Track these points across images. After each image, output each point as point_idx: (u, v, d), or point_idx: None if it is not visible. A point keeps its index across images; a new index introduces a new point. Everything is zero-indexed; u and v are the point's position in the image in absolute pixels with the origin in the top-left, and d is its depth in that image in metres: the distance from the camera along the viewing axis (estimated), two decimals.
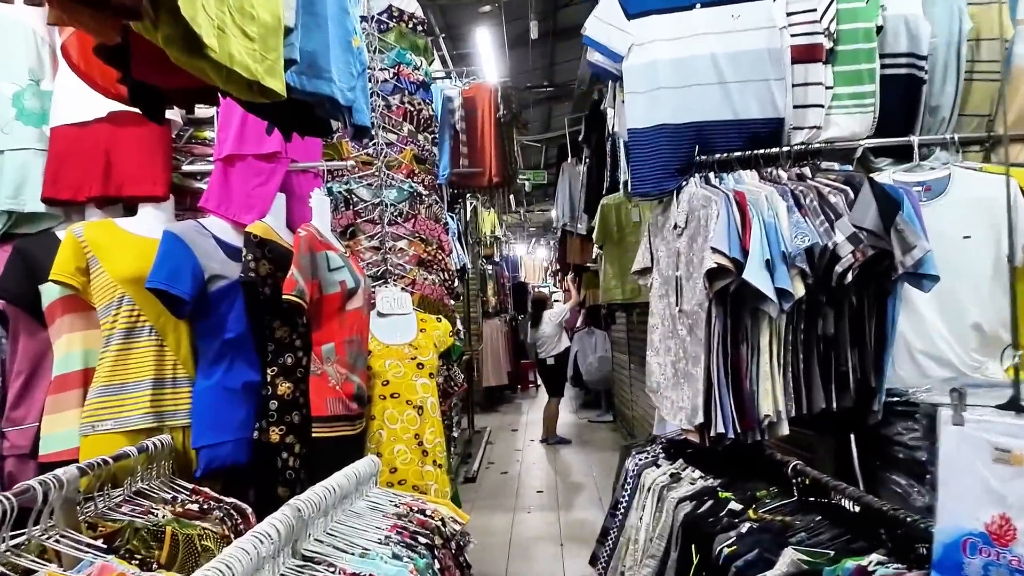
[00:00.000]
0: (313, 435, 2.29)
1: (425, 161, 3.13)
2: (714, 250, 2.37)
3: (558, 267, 13.76)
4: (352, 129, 1.82)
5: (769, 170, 2.69)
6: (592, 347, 9.86)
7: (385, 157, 2.97)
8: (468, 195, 8.95)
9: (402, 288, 2.92)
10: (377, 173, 2.90)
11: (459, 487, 6.61)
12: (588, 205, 7.44)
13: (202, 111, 2.46)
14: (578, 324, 10.55)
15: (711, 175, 2.70)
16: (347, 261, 2.41)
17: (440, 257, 3.03)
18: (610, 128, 6.60)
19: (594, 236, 6.05)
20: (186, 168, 2.46)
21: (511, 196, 12.55)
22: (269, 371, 2.27)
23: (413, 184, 3.00)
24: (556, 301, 19.95)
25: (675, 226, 2.76)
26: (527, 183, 9.69)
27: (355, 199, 2.89)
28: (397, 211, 2.98)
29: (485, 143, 5.85)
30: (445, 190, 6.02)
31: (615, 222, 5.86)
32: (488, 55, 7.42)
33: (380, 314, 2.82)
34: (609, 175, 6.50)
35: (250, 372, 2.28)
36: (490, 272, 10.86)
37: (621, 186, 5.98)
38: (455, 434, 7.42)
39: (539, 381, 12.92)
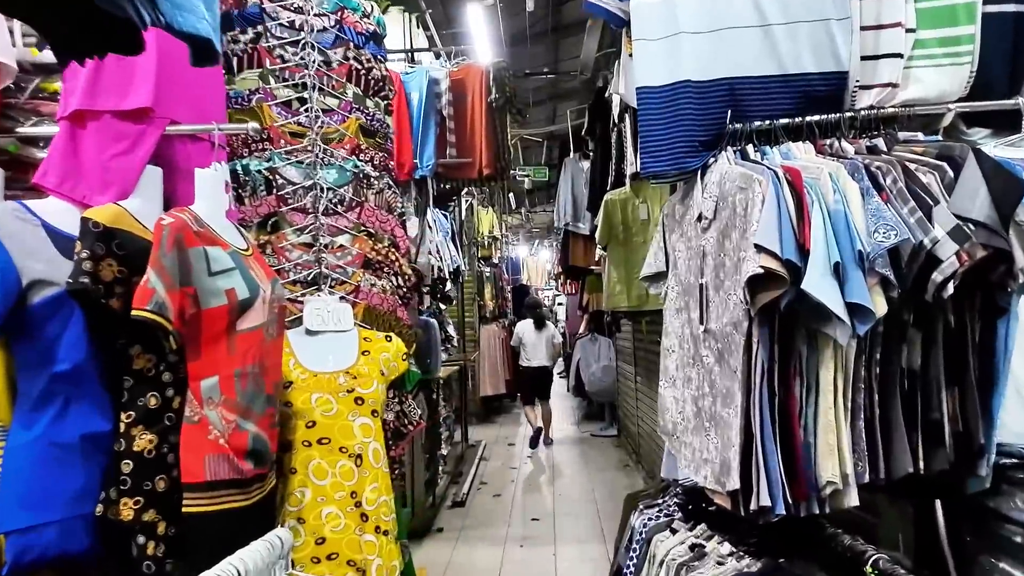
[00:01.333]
0: (184, 509, 1.58)
1: (375, 134, 2.41)
2: (759, 248, 1.65)
3: (560, 270, 13.07)
4: (192, 49, 1.13)
5: (829, 142, 1.96)
6: (595, 355, 9.13)
7: (322, 127, 2.27)
8: (464, 192, 8.26)
9: (341, 297, 2.20)
10: (310, 147, 2.19)
11: (446, 514, 5.91)
12: (592, 203, 6.73)
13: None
14: (580, 330, 9.83)
15: (749, 148, 1.98)
16: (241, 262, 1.70)
17: (393, 258, 2.32)
18: (615, 116, 5.89)
19: (597, 236, 5.34)
20: (26, 131, 1.76)
21: (511, 195, 11.87)
22: (123, 417, 1.56)
23: (359, 163, 2.29)
24: (560, 305, 19.28)
25: (699, 218, 2.04)
26: (527, 180, 8.98)
27: (279, 181, 2.18)
28: (337, 197, 2.26)
29: (475, 130, 5.13)
30: (431, 184, 5.32)
31: (620, 220, 5.15)
32: (481, 33, 6.70)
33: (308, 331, 2.11)
34: (615, 168, 5.79)
35: (94, 419, 1.57)
36: (488, 274, 10.15)
37: (628, 179, 5.28)
38: (444, 451, 6.72)
39: None
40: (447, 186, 5.39)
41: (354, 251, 2.26)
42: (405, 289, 2.36)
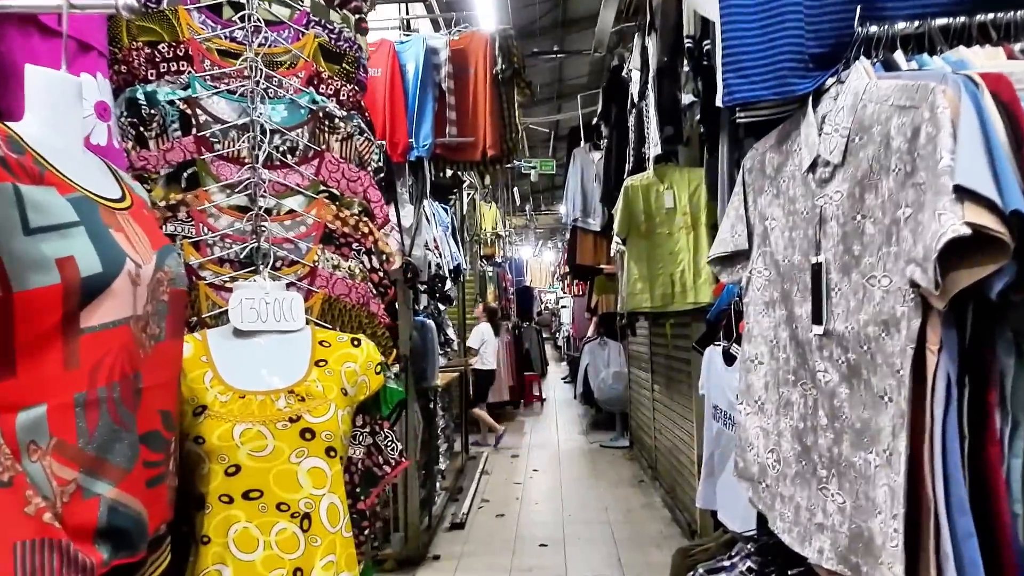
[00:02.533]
0: None
1: (343, 58, 1.73)
2: (961, 194, 0.97)
3: (566, 270, 12.39)
4: None
5: (1019, 47, 1.28)
6: (605, 361, 8.45)
7: (266, 46, 1.59)
8: (465, 184, 7.59)
9: (289, 284, 1.52)
10: (248, 72, 1.52)
11: (443, 538, 5.22)
12: (606, 195, 6.06)
13: None
14: (589, 333, 9.14)
15: (898, 57, 1.30)
16: (96, 216, 1.02)
17: (366, 230, 1.64)
18: (634, 95, 5.22)
19: (615, 226, 4.65)
20: None
21: (515, 190, 11.21)
22: None
23: (319, 98, 1.62)
24: (564, 307, 18.61)
25: (812, 166, 1.36)
26: (533, 172, 8.30)
27: (202, 118, 1.50)
28: (286, 144, 1.58)
29: (478, 106, 4.46)
30: (428, 167, 4.65)
31: (642, 208, 4.46)
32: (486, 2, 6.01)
33: (238, 333, 1.44)
34: (633, 153, 5.12)
35: None
36: (491, 274, 9.47)
37: (650, 163, 4.61)
38: (442, 465, 6.03)
39: (544, 396, 11.55)
40: (447, 169, 4.70)
41: (309, 219, 1.58)
42: (382, 274, 1.68)
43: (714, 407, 3.26)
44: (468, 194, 7.87)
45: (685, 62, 3.44)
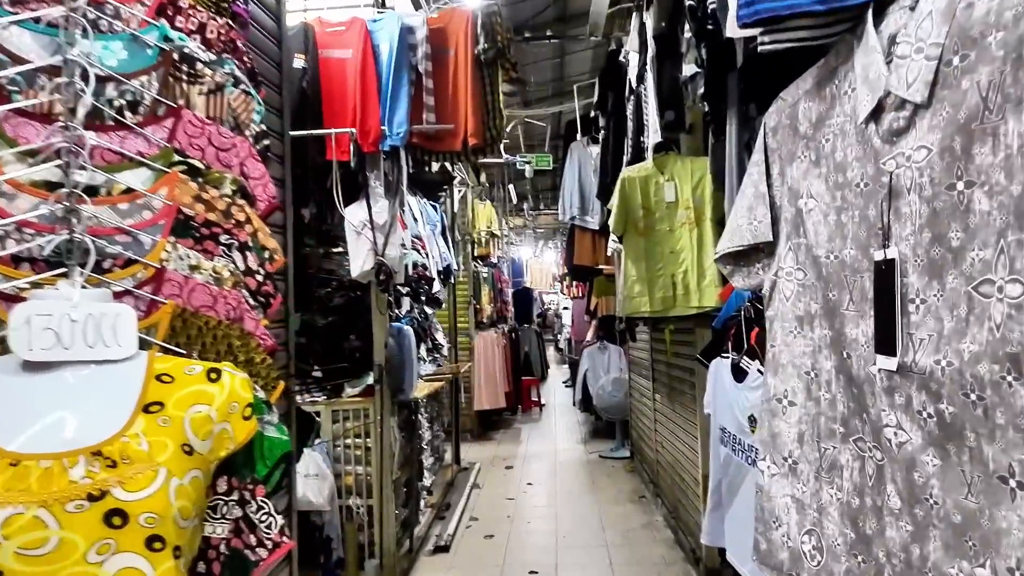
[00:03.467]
0: None
1: None
2: None
3: (565, 271, 11.89)
4: None
5: None
6: (604, 366, 7.97)
7: None
8: (457, 181, 7.12)
9: (120, 292, 1.06)
10: None
11: (425, 562, 4.75)
12: (604, 189, 5.58)
13: None
14: (588, 337, 8.66)
15: None
16: None
17: (241, 217, 1.16)
18: (632, 80, 4.75)
19: (611, 223, 4.18)
20: None
21: (511, 188, 10.74)
22: None
23: (173, 34, 1.16)
24: (566, 309, 18.09)
25: (879, 111, 0.89)
26: (528, 167, 7.83)
27: None
28: (124, 96, 1.13)
29: (459, 90, 3.99)
30: (405, 156, 4.18)
31: (640, 203, 3.99)
32: None
33: (27, 364, 0.99)
34: (632, 143, 4.65)
35: None
36: (485, 275, 9.00)
37: (649, 152, 4.13)
38: (427, 481, 5.56)
39: (543, 401, 11.07)
40: (426, 160, 4.23)
41: (156, 202, 1.11)
42: (262, 277, 1.21)
43: (721, 429, 2.79)
44: (459, 191, 7.41)
45: (686, 28, 2.96)
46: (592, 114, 7.25)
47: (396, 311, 5.14)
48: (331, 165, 4.07)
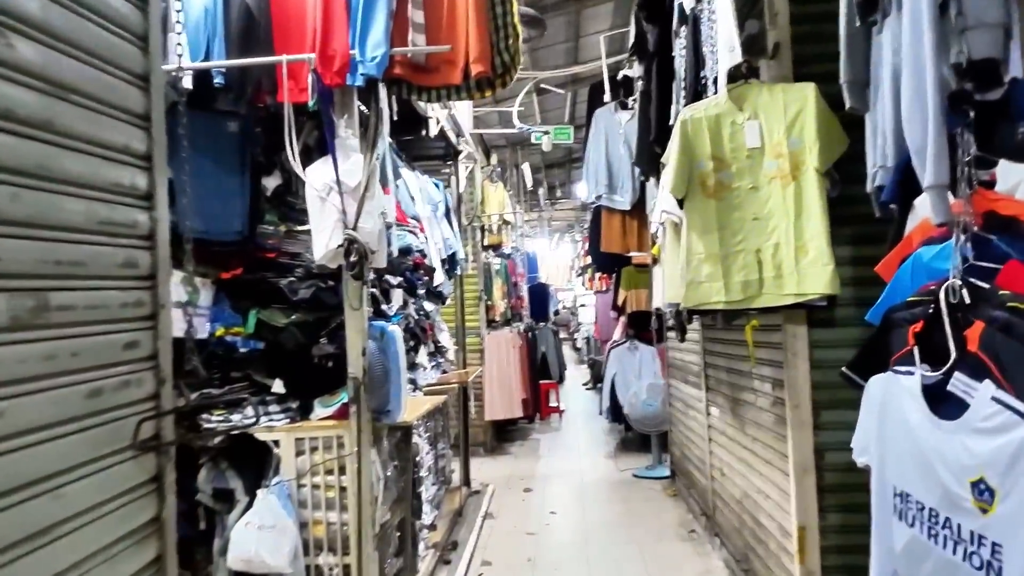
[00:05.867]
0: None
1: None
2: None
3: (587, 261, 10.74)
4: None
5: None
6: (636, 370, 6.82)
7: None
8: (462, 155, 5.99)
9: None
10: None
11: None
12: (644, 151, 4.43)
13: None
14: (616, 337, 7.51)
15: None
16: None
17: None
18: (685, 3, 3.60)
19: (666, 182, 3.04)
20: None
21: (524, 167, 9.58)
22: None
23: None
24: (583, 306, 16.90)
25: None
26: (545, 139, 6.68)
27: None
28: None
29: (457, 3, 2.87)
30: (384, 93, 3.06)
31: (710, 151, 2.85)
32: None
33: None
34: (687, 84, 3.50)
35: None
36: (498, 267, 7.87)
37: (721, 83, 2.98)
38: (428, 518, 4.43)
39: (562, 407, 9.93)
40: (412, 97, 3.11)
41: None
42: None
43: (900, 496, 1.64)
44: (466, 167, 6.28)
45: None
46: (621, 75, 6.12)
47: (386, 306, 4.02)
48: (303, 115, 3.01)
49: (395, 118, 3.25)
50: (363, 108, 3.06)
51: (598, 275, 9.70)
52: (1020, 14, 1.55)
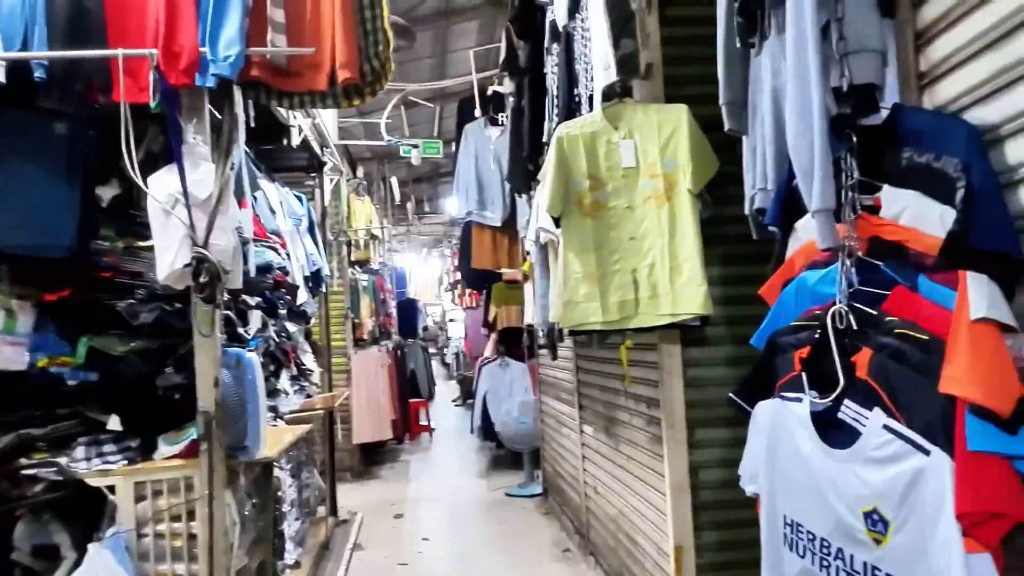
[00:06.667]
0: None
1: None
2: None
3: (457, 277, 10.59)
4: None
5: None
6: (507, 387, 6.74)
7: None
8: (327, 167, 5.69)
9: None
10: None
11: None
12: (517, 167, 4.36)
13: None
14: (487, 353, 7.42)
15: None
16: None
17: None
18: (557, 20, 3.56)
19: (543, 200, 2.96)
20: None
21: (392, 181, 9.32)
22: None
23: None
24: (453, 321, 16.73)
25: None
26: (413, 153, 6.48)
27: None
28: None
29: (322, 3, 2.65)
30: (239, 96, 2.77)
31: (586, 169, 2.80)
32: None
33: None
34: (559, 101, 3.45)
35: None
36: (366, 284, 7.56)
37: (596, 101, 2.94)
38: (291, 558, 4.08)
39: (432, 425, 9.70)
40: (272, 103, 2.84)
41: None
42: None
43: (791, 525, 1.60)
44: (331, 179, 5.97)
45: None
46: (491, 91, 6.05)
47: (243, 330, 3.68)
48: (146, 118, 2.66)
49: (252, 125, 2.95)
50: (216, 112, 2.76)
51: (468, 291, 9.60)
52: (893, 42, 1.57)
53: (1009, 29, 1.26)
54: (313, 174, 5.66)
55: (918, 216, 1.38)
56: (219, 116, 2.73)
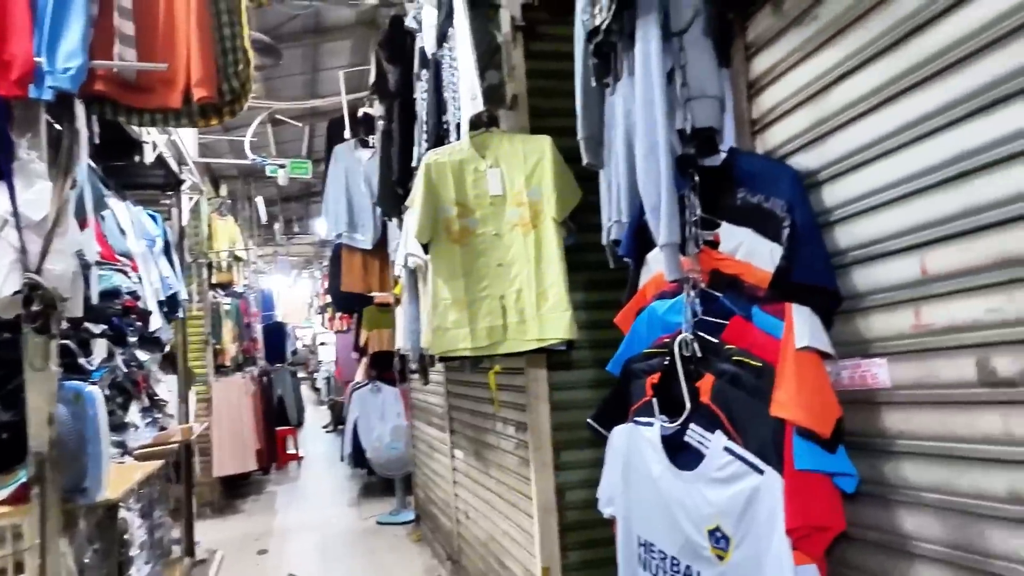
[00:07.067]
0: None
1: None
2: None
3: (327, 300, 10.28)
4: None
5: None
6: (379, 412, 6.61)
7: None
8: (186, 185, 5.40)
9: None
10: None
11: None
12: (386, 192, 4.32)
13: None
14: (358, 378, 7.25)
15: None
16: None
17: None
18: (426, 48, 3.58)
19: (413, 226, 2.94)
20: None
21: (259, 200, 8.95)
22: None
23: None
24: (324, 344, 16.21)
25: None
26: (280, 173, 6.27)
27: None
28: None
29: (176, 11, 2.52)
30: (81, 111, 2.57)
31: (454, 196, 2.82)
32: None
33: None
34: (428, 127, 3.46)
35: None
36: (228, 307, 7.20)
37: (463, 131, 2.97)
38: None
39: (301, 453, 9.34)
40: (121, 119, 2.67)
41: None
42: None
43: (644, 545, 1.66)
44: (191, 198, 5.67)
45: None
46: (362, 112, 5.98)
47: (85, 360, 3.39)
48: None
49: (97, 141, 2.76)
50: (56, 126, 2.56)
51: (339, 314, 9.36)
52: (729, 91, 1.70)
53: (823, 86, 1.39)
54: (170, 192, 5.34)
55: (751, 252, 1.49)
56: (59, 130, 2.53)
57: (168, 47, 2.54)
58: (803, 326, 1.33)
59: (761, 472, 1.34)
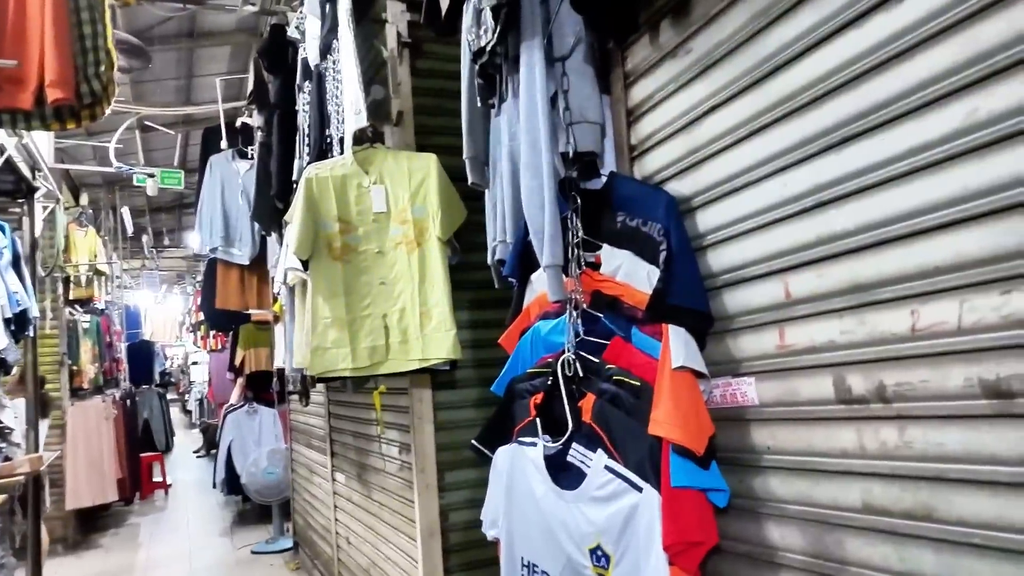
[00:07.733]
0: None
1: None
2: None
3: (200, 317, 9.72)
4: None
5: None
6: (255, 436, 6.31)
7: None
8: (40, 193, 4.96)
9: None
10: None
11: None
12: (263, 206, 4.14)
13: None
14: (233, 400, 6.89)
15: None
16: None
17: None
18: (309, 58, 3.48)
19: (290, 243, 2.83)
20: None
21: (124, 211, 8.34)
22: None
23: None
24: (196, 364, 15.31)
25: None
26: (149, 183, 5.88)
27: None
28: None
29: (27, 7, 2.32)
30: None
31: (336, 212, 2.75)
32: None
33: None
34: (311, 140, 3.36)
35: None
36: (87, 325, 6.65)
37: (346, 145, 2.90)
38: None
39: (169, 481, 8.75)
40: None
41: None
42: None
43: (528, 565, 1.65)
44: (45, 207, 5.22)
45: None
46: (240, 122, 5.73)
47: None
48: None
49: None
50: None
51: (213, 332, 8.89)
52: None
53: (696, 116, 1.46)
54: (21, 200, 4.89)
55: (630, 273, 1.53)
56: None
57: (18, 43, 2.33)
58: (679, 347, 1.37)
59: (640, 490, 1.37)
